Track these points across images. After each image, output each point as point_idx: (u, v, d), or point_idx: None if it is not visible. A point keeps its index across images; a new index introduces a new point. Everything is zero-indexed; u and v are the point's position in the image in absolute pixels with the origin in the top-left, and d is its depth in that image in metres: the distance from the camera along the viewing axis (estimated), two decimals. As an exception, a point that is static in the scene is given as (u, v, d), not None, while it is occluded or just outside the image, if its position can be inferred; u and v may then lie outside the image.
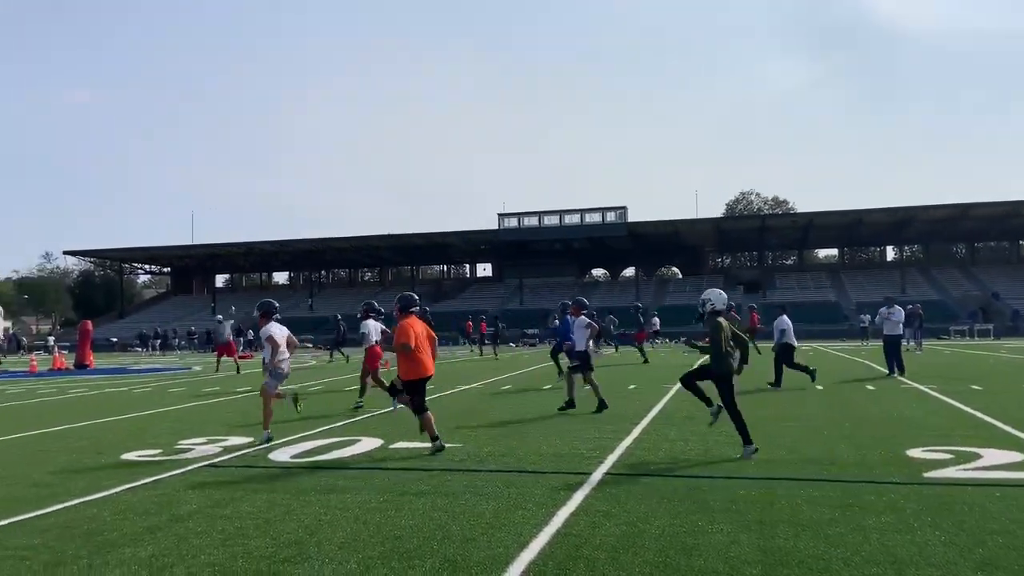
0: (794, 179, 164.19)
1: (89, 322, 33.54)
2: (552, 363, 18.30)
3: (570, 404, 11.85)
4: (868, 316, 38.63)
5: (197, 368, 27.09)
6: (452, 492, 6.47)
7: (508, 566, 4.57)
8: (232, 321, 25.26)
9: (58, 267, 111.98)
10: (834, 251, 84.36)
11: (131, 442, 9.73)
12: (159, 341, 52.32)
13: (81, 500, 6.47)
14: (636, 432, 9.52)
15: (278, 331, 9.71)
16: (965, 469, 6.94)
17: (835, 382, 16.12)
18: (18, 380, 23.89)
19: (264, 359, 9.76)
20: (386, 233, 68.55)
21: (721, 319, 8.00)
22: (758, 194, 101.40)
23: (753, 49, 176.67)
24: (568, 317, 13.64)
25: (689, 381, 8.22)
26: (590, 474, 7.06)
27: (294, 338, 10.17)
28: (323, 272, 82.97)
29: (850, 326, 48.58)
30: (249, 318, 51.13)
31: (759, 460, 7.57)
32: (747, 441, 7.79)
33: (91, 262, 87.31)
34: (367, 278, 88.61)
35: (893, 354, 17.43)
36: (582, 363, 12.00)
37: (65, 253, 79.59)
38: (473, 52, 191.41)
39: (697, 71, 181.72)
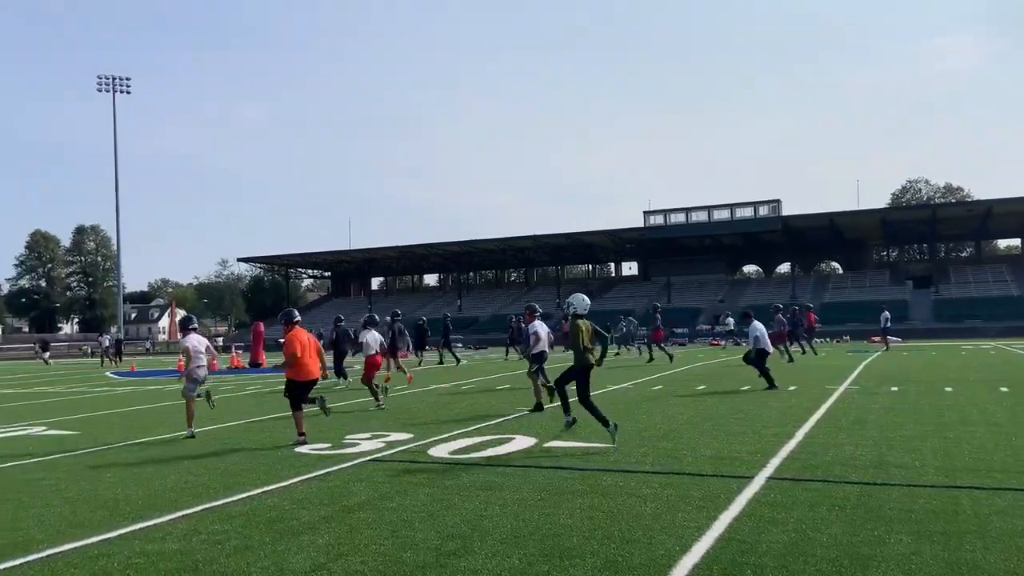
0: (969, 164, 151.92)
1: (261, 324, 35.97)
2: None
3: (544, 399, 12.49)
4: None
5: (358, 367, 28.46)
6: (609, 492, 6.44)
7: (671, 569, 4.49)
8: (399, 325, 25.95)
9: (232, 273, 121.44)
10: (1017, 241, 77.11)
11: (303, 436, 10.35)
12: (323, 341, 55.42)
13: (262, 489, 6.96)
14: (800, 435, 9.12)
15: (196, 342, 11.01)
16: None
17: None
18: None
19: (185, 366, 11.06)
20: (531, 234, 69.30)
21: (580, 321, 9.22)
22: (927, 182, 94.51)
23: (921, 25, 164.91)
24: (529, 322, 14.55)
25: (559, 387, 9.46)
26: (752, 478, 6.82)
27: (212, 347, 11.47)
28: (471, 273, 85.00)
29: (1037, 323, 44.30)
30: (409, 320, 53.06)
31: (939, 467, 7.06)
32: (605, 423, 8.78)
33: (261, 268, 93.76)
34: (513, 278, 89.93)
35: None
36: (538, 364, 13.08)
37: (239, 260, 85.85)
38: (614, 48, 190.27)
39: (858, 50, 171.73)
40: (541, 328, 13.51)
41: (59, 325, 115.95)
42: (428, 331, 27.88)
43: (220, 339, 67.94)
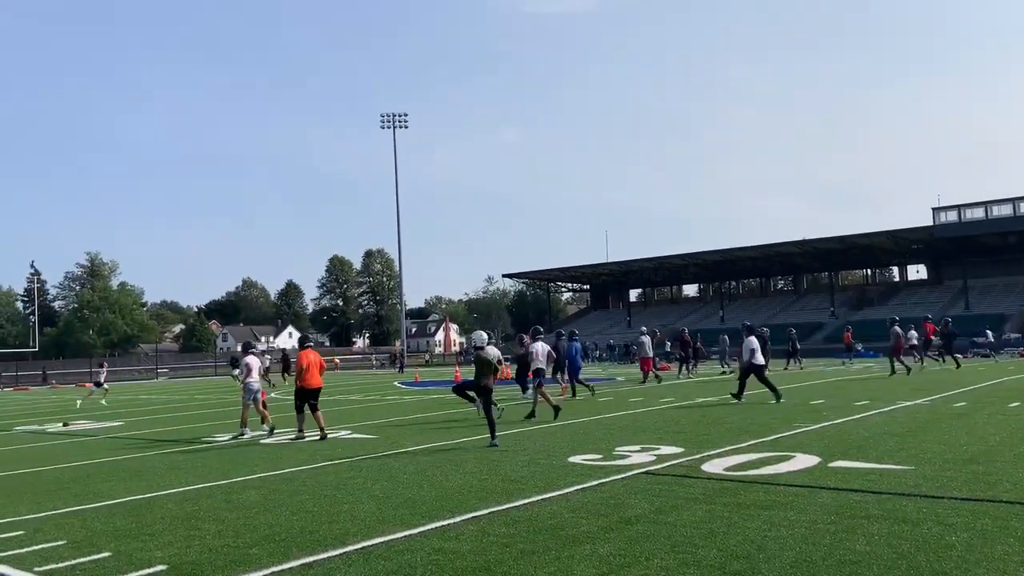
0: None
1: (527, 336, 37.52)
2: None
3: (550, 412, 14.24)
4: None
5: (620, 379, 28.69)
6: (910, 519, 5.84)
7: (998, 611, 3.95)
8: (648, 337, 26.07)
9: (498, 288, 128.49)
10: None
11: (574, 446, 10.61)
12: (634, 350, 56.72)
13: (541, 497, 7.21)
14: None
15: (254, 362, 14.06)
16: None
17: None
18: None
19: (241, 378, 14.22)
20: (799, 239, 65.42)
21: (481, 352, 11.42)
22: None
23: None
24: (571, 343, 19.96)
25: (459, 390, 12.47)
26: (1092, 511, 5.83)
27: (262, 368, 14.88)
28: (732, 282, 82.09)
29: None
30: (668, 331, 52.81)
31: None
32: (492, 436, 10.94)
33: (524, 283, 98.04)
34: (779, 286, 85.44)
35: None
36: (539, 378, 15.27)
37: (503, 276, 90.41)
38: (885, 33, 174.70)
39: None
40: (540, 347, 15.67)
41: (353, 340, 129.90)
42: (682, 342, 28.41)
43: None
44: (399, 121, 73.82)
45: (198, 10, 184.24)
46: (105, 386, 28.11)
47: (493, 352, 11.57)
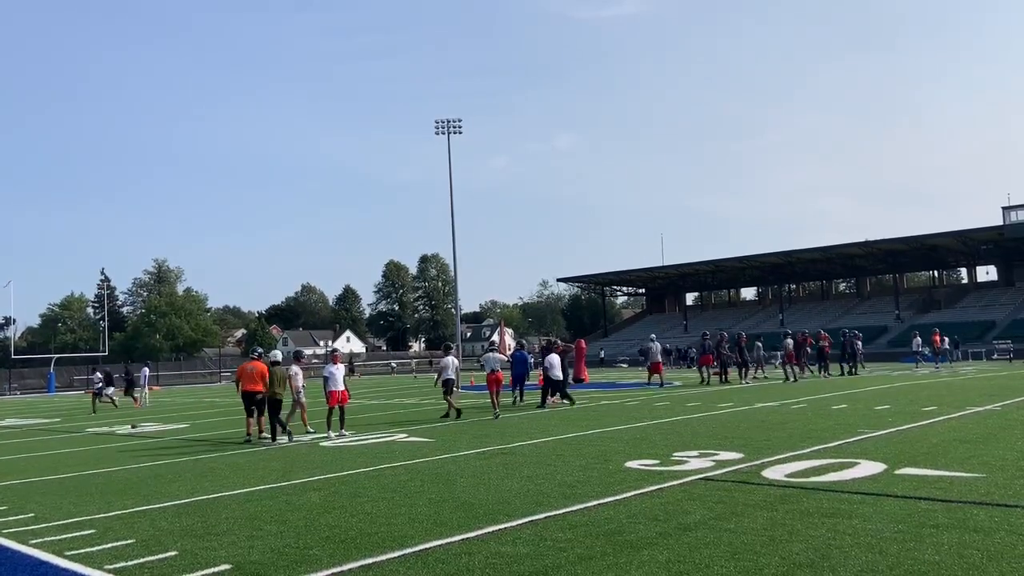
0: None
1: (583, 341, 37.40)
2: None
3: (452, 415, 16.91)
4: None
5: (678, 383, 28.35)
6: (981, 528, 5.65)
7: (1079, 627, 3.79)
8: (657, 344, 28.82)
9: (553, 293, 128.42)
10: None
11: (631, 451, 10.53)
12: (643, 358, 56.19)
13: (598, 502, 7.17)
14: None
15: (297, 370, 14.95)
16: None
17: None
18: (530, 392, 27.69)
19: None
20: (861, 240, 63.78)
21: (275, 368, 14.29)
22: None
23: None
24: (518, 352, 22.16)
25: (271, 417, 13.91)
26: None
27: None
28: (792, 285, 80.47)
29: None
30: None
31: None
32: (273, 437, 13.61)
33: (578, 287, 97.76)
34: (841, 289, 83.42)
35: None
36: (446, 388, 17.30)
37: (558, 280, 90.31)
38: (956, 29, 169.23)
39: None
40: (448, 361, 17.51)
41: (409, 344, 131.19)
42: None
43: (532, 357, 71.26)
44: (453, 127, 74.30)
45: (257, 25, 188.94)
46: None
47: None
